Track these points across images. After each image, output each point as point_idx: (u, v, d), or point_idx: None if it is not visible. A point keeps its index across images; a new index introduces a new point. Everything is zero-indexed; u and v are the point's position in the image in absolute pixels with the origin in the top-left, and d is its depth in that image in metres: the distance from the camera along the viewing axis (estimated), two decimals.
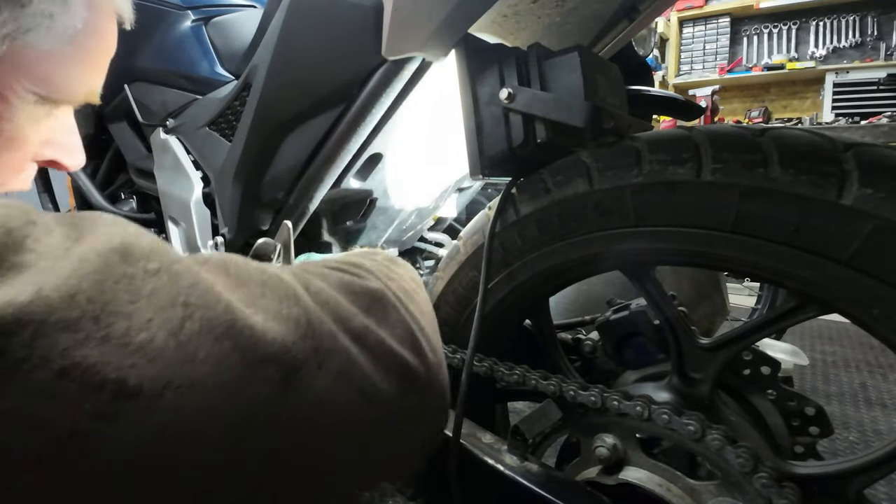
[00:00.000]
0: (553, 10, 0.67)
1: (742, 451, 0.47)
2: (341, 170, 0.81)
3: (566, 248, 0.56)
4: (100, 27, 0.42)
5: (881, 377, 1.72)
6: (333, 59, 0.75)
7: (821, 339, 2.08)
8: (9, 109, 0.37)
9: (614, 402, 0.53)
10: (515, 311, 0.65)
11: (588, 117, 0.51)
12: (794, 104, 3.67)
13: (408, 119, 0.82)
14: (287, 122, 0.81)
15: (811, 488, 0.48)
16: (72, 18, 0.38)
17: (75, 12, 0.39)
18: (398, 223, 1.10)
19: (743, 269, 0.47)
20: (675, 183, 0.48)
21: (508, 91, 0.56)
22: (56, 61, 0.39)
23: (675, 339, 0.54)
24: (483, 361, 0.63)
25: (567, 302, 0.88)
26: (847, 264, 0.40)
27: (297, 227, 0.87)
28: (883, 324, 0.41)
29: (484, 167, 0.60)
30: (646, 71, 1.07)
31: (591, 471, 0.57)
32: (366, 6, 0.70)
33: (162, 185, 1.07)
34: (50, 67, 0.39)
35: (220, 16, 1.11)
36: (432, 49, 0.61)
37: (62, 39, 0.38)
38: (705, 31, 3.80)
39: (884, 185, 0.39)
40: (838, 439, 1.33)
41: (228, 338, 0.24)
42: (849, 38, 3.41)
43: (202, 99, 1.02)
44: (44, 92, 0.39)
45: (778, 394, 0.57)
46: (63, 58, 0.39)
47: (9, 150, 0.39)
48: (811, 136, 0.44)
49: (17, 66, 0.37)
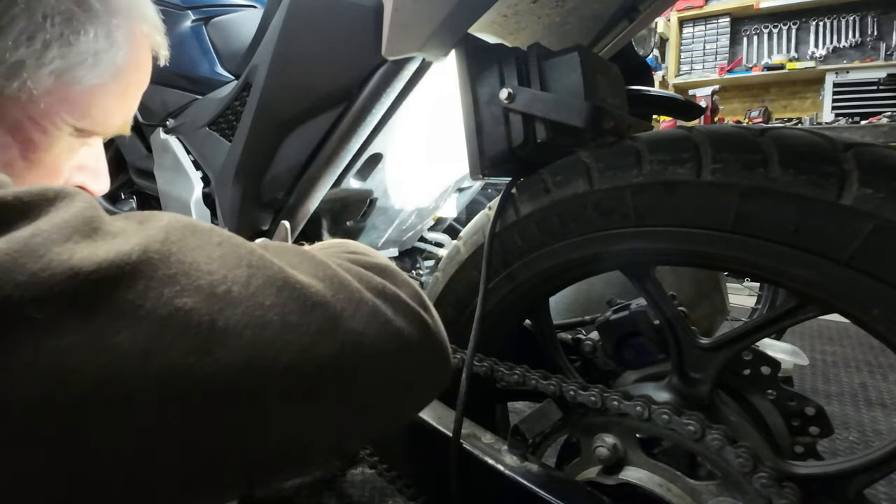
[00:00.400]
0: (553, 10, 0.67)
1: (742, 451, 0.47)
2: (341, 170, 0.81)
3: (566, 248, 0.56)
4: (140, 62, 0.44)
5: (881, 377, 1.72)
6: (333, 59, 0.75)
7: (821, 339, 2.08)
8: (47, 140, 0.39)
9: (614, 402, 0.53)
10: (515, 311, 0.65)
11: (588, 117, 0.51)
12: (794, 104, 3.67)
13: (408, 119, 0.82)
14: (287, 122, 0.81)
15: (811, 488, 0.48)
16: (115, 55, 0.41)
17: (118, 49, 0.41)
18: (398, 223, 1.10)
19: (743, 269, 0.47)
20: (675, 183, 0.48)
21: (508, 91, 0.56)
22: (97, 96, 0.41)
23: (675, 339, 0.54)
24: (483, 361, 0.63)
25: (567, 302, 0.88)
26: (847, 264, 0.41)
27: (297, 227, 0.87)
28: (883, 324, 0.41)
29: (484, 167, 0.60)
30: (646, 71, 1.07)
31: (591, 471, 0.57)
32: (366, 6, 0.70)
33: (162, 185, 1.07)
34: (91, 102, 0.41)
35: (220, 16, 1.11)
36: (432, 49, 0.61)
37: (105, 76, 0.40)
38: (705, 31, 3.80)
39: (884, 185, 0.39)
40: (838, 439, 1.33)
41: (286, 289, 0.29)
42: (849, 38, 3.41)
43: (202, 99, 1.02)
44: (83, 125, 0.41)
45: (778, 394, 0.57)
46: (104, 93, 0.41)
47: (44, 178, 0.41)
48: (811, 136, 0.44)
49: (62, 100, 0.39)
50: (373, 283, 0.35)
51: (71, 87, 0.39)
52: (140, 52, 0.44)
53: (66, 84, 0.38)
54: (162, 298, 0.25)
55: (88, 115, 0.41)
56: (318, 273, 0.32)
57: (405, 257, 1.28)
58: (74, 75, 0.38)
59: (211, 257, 0.28)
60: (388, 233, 1.12)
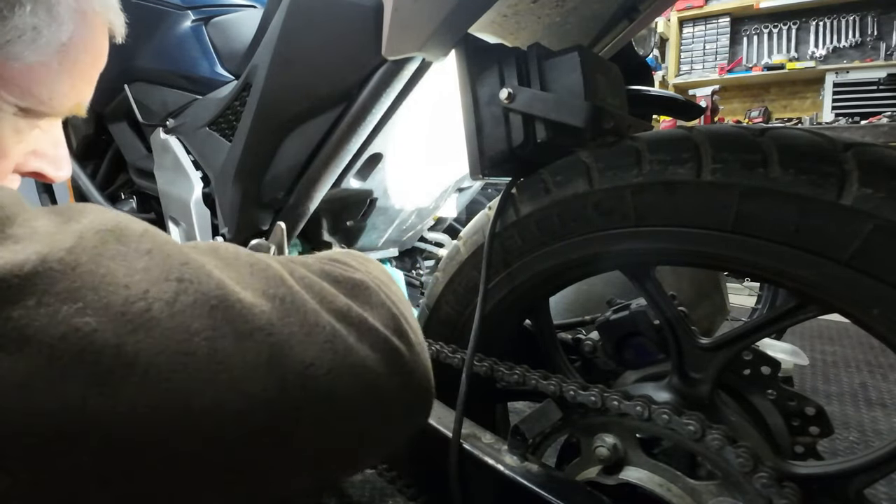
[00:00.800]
0: (553, 10, 0.67)
1: (742, 451, 0.47)
2: (341, 170, 0.81)
3: (566, 248, 0.56)
4: (89, 41, 0.40)
5: (881, 377, 1.72)
6: (333, 59, 0.75)
7: (821, 339, 2.08)
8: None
9: (614, 402, 0.53)
10: (515, 311, 0.65)
11: (588, 117, 0.51)
12: (794, 104, 3.67)
13: (408, 119, 0.82)
14: (287, 122, 0.81)
15: (811, 488, 0.48)
16: (58, 32, 0.37)
17: (62, 25, 0.37)
18: (398, 223, 1.10)
19: (743, 269, 0.47)
20: (675, 183, 0.48)
21: (508, 91, 0.56)
22: (40, 74, 0.37)
23: (675, 339, 0.54)
24: (483, 361, 0.63)
25: (567, 302, 0.88)
26: (847, 264, 0.40)
27: (297, 227, 0.87)
28: (883, 324, 0.41)
29: (484, 167, 0.60)
30: (646, 71, 1.07)
31: (591, 471, 0.57)
32: (366, 6, 0.70)
33: (162, 185, 1.07)
34: (33, 80, 0.37)
35: (220, 16, 1.11)
36: (432, 49, 0.61)
37: (47, 52, 0.37)
38: (705, 31, 3.80)
39: (884, 185, 0.39)
40: (838, 439, 1.33)
41: (220, 309, 0.25)
42: (849, 38, 3.40)
43: (202, 99, 1.02)
44: (26, 104, 0.38)
45: (778, 394, 0.57)
46: (48, 71, 0.38)
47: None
48: (811, 136, 0.44)
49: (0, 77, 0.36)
50: (335, 304, 0.30)
51: (7, 63, 0.35)
52: (90, 30, 0.40)
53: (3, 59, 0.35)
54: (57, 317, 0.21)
55: (30, 94, 0.37)
56: (268, 290, 0.28)
57: (405, 257, 1.28)
58: (11, 51, 0.35)
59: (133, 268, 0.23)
60: (388, 233, 1.12)
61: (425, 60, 0.67)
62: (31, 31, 0.35)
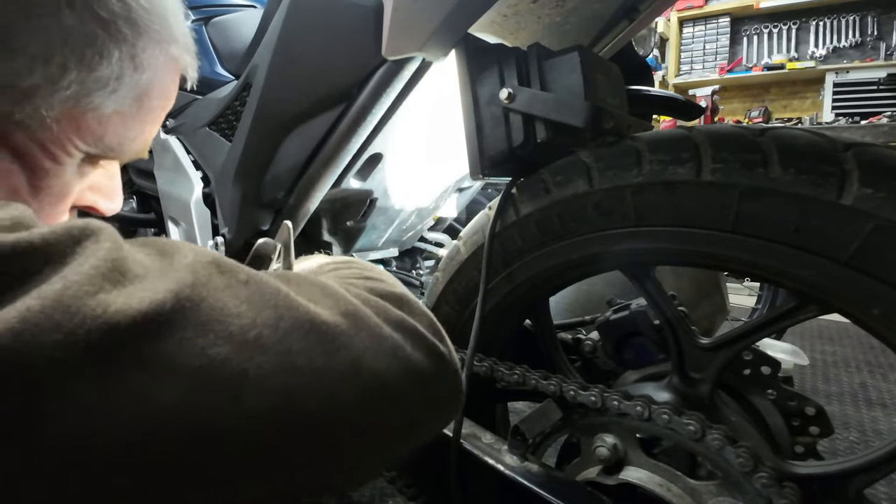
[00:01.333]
0: (553, 10, 0.67)
1: (742, 451, 0.47)
2: (341, 170, 0.81)
3: (566, 248, 0.56)
4: (164, 86, 0.40)
5: (881, 377, 1.72)
6: (333, 59, 0.75)
7: (821, 339, 2.08)
8: (57, 168, 0.36)
9: (614, 402, 0.53)
10: (515, 311, 0.65)
11: (588, 117, 0.51)
12: (794, 104, 3.67)
13: (408, 119, 0.82)
14: (287, 122, 0.81)
15: (811, 488, 0.48)
16: (138, 80, 0.37)
17: (143, 74, 0.37)
18: (398, 223, 1.10)
19: (743, 269, 0.47)
20: (675, 183, 0.48)
21: (508, 91, 0.56)
22: (115, 123, 0.37)
23: (675, 339, 0.54)
24: (483, 361, 0.63)
25: (567, 302, 0.88)
26: (847, 264, 0.41)
27: (297, 227, 0.87)
28: (883, 324, 0.41)
29: (484, 167, 0.60)
30: (646, 71, 1.07)
31: (591, 471, 0.57)
32: (366, 6, 0.70)
33: (162, 185, 1.07)
34: (108, 129, 0.37)
35: (220, 16, 1.11)
36: (432, 49, 0.61)
37: (125, 102, 0.37)
38: (705, 31, 3.80)
39: (884, 185, 0.39)
40: (838, 439, 1.33)
41: (314, 333, 0.28)
42: (849, 38, 3.40)
43: (202, 99, 1.02)
44: (96, 151, 0.37)
45: (778, 394, 0.57)
46: (122, 119, 0.37)
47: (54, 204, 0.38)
48: (811, 136, 0.44)
49: (76, 127, 0.35)
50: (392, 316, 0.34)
51: (87, 113, 0.35)
52: (166, 76, 0.40)
53: (83, 110, 0.35)
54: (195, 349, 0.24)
55: (103, 142, 0.37)
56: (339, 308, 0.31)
57: (405, 257, 1.28)
58: (91, 101, 0.35)
59: (239, 298, 0.26)
60: (388, 233, 1.12)
61: (425, 60, 0.67)
62: (114, 80, 0.35)
